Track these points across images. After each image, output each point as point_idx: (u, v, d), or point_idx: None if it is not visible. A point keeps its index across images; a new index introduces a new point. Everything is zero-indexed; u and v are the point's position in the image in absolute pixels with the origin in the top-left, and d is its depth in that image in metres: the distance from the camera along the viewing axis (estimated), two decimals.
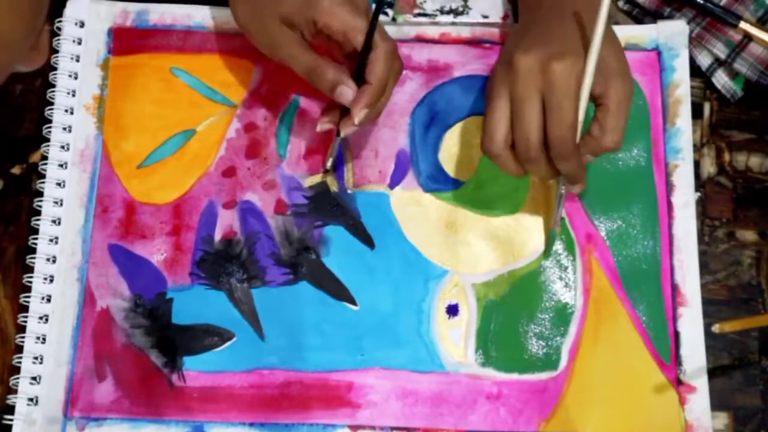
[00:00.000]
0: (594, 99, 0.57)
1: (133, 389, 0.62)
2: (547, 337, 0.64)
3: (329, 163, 0.65)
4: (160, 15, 0.69)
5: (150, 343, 0.63)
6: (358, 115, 0.58)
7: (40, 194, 0.65)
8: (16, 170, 0.67)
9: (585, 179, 0.59)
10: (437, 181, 0.66)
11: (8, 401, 0.62)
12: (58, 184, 0.65)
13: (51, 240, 0.64)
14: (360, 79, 0.58)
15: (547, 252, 0.65)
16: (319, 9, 0.57)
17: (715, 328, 0.56)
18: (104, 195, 0.66)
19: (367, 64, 0.58)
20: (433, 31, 0.69)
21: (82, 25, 0.68)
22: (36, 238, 0.64)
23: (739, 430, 0.63)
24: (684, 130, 0.67)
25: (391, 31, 0.68)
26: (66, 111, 0.67)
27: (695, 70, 0.69)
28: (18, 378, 0.62)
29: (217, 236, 0.65)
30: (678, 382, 0.62)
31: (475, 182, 0.66)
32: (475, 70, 0.68)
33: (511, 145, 0.57)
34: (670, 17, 0.69)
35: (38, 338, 0.62)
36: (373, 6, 0.56)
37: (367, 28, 0.56)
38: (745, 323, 0.59)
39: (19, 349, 0.62)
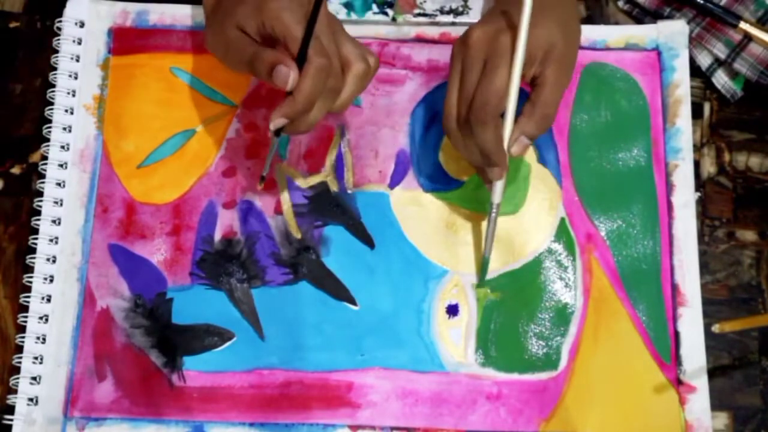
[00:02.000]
0: (532, 80, 0.58)
1: (133, 389, 0.62)
2: (547, 337, 0.64)
3: (265, 170, 0.60)
4: (160, 15, 0.69)
5: (150, 343, 0.63)
6: (274, 122, 0.56)
7: (40, 194, 0.65)
8: (16, 170, 0.67)
9: (504, 163, 0.59)
10: (437, 181, 0.66)
11: (8, 401, 0.62)
12: (58, 184, 0.65)
13: (51, 240, 0.64)
14: None
15: (481, 280, 0.64)
16: (266, 12, 0.56)
17: (715, 328, 0.56)
18: (104, 195, 0.66)
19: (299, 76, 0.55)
20: (433, 31, 0.69)
21: (82, 25, 0.68)
22: (36, 238, 0.64)
23: (739, 430, 0.63)
24: (684, 130, 0.67)
25: (391, 31, 0.69)
26: (66, 111, 0.67)
27: (695, 70, 0.69)
28: (18, 378, 0.62)
29: (217, 236, 0.65)
30: (678, 382, 0.62)
31: (475, 182, 0.66)
32: None
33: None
34: (670, 17, 0.70)
35: (38, 338, 0.62)
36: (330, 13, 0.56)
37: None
38: (745, 323, 0.59)
39: (19, 349, 0.62)
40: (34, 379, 0.62)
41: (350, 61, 0.57)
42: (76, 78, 0.67)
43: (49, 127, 0.66)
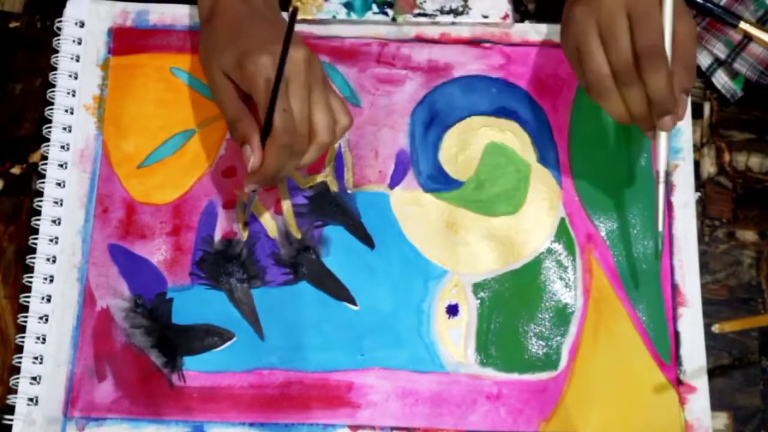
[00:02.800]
0: None
1: (133, 389, 0.62)
2: (547, 337, 0.64)
3: (247, 216, 0.64)
4: (160, 15, 0.69)
5: (150, 343, 0.63)
6: (247, 189, 0.59)
7: (40, 194, 0.65)
8: (16, 170, 0.67)
9: (677, 110, 0.57)
10: (437, 181, 0.66)
11: (8, 401, 0.62)
12: (58, 184, 0.65)
13: (51, 240, 0.64)
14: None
15: (657, 256, 0.64)
16: (244, 73, 0.57)
17: (715, 328, 0.56)
18: (104, 195, 0.65)
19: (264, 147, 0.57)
20: (433, 31, 0.69)
21: (82, 25, 0.68)
22: (36, 238, 0.64)
23: (739, 430, 0.63)
24: (684, 130, 0.67)
25: (391, 31, 0.69)
26: (66, 111, 0.67)
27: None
28: (18, 378, 0.62)
29: (217, 236, 0.65)
30: (678, 382, 0.62)
31: (475, 182, 0.66)
32: (475, 70, 0.68)
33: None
34: None
35: (38, 338, 0.62)
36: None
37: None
38: (745, 323, 0.59)
39: (19, 349, 0.62)
40: (34, 379, 0.62)
41: (316, 131, 0.58)
42: (76, 78, 0.67)
43: (49, 127, 0.66)
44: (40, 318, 0.63)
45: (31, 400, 0.61)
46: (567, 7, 0.60)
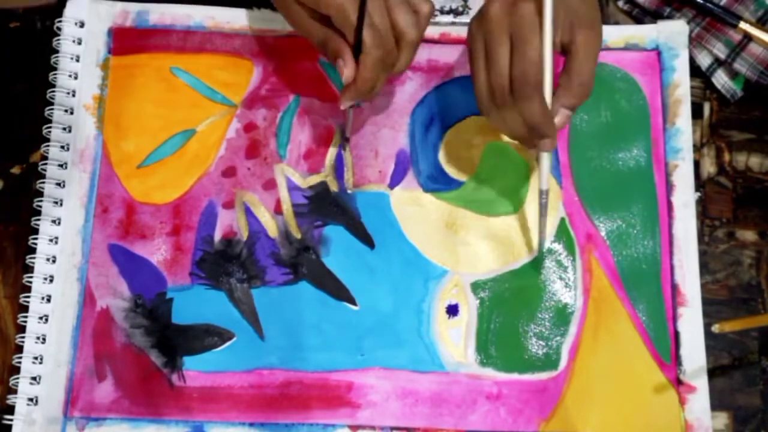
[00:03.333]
0: (563, 47, 0.57)
1: (133, 389, 0.62)
2: (547, 337, 0.64)
3: (348, 132, 0.66)
4: (160, 15, 0.69)
5: (150, 343, 0.63)
6: (343, 104, 0.60)
7: (40, 194, 0.65)
8: (16, 170, 0.67)
9: (554, 134, 0.58)
10: (437, 181, 0.66)
11: (8, 401, 0.62)
12: (58, 184, 0.65)
13: (51, 240, 0.64)
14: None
15: (536, 267, 0.65)
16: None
17: (715, 328, 0.56)
18: (104, 195, 0.66)
19: (358, 62, 0.58)
20: (433, 31, 0.69)
21: (82, 25, 0.68)
22: (36, 238, 0.64)
23: (739, 430, 0.63)
24: (684, 130, 0.67)
25: None
26: (66, 111, 0.67)
27: (695, 70, 0.69)
28: (18, 378, 0.62)
29: (217, 236, 0.65)
30: (678, 382, 0.62)
31: (475, 182, 0.66)
32: None
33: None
34: (670, 17, 0.70)
35: (38, 338, 0.62)
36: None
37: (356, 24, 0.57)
38: (745, 323, 0.59)
39: (19, 349, 0.62)
40: (34, 379, 0.62)
41: (403, 32, 0.58)
42: (76, 78, 0.67)
43: (49, 127, 0.66)
44: (40, 318, 0.63)
45: (31, 400, 0.61)
46: (472, 19, 0.60)
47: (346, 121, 0.65)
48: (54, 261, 0.64)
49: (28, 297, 0.63)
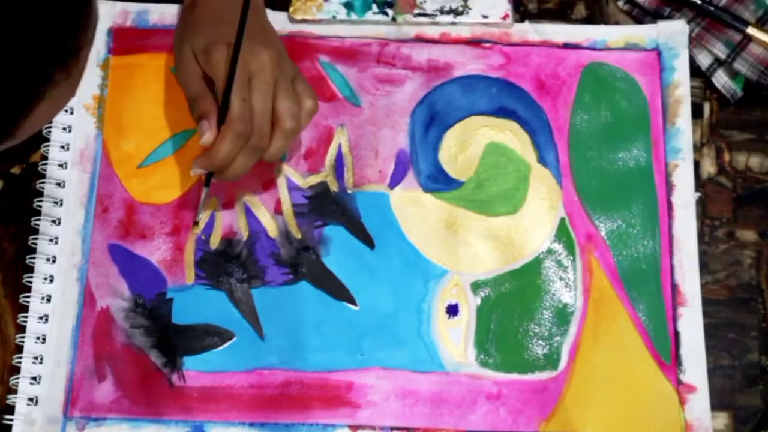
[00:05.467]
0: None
1: (133, 389, 0.62)
2: (547, 337, 0.64)
3: (199, 217, 0.64)
4: (160, 15, 0.69)
5: (150, 343, 0.63)
6: (193, 170, 0.60)
7: (40, 194, 0.65)
8: (16, 170, 0.67)
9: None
10: (437, 181, 0.66)
11: (8, 401, 0.62)
12: (58, 184, 0.65)
13: (51, 240, 0.64)
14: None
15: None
16: (210, 60, 0.58)
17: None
18: (104, 195, 0.65)
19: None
20: (433, 31, 0.69)
21: None
22: (36, 238, 0.64)
23: (739, 430, 0.63)
24: (684, 130, 0.67)
25: (391, 31, 0.69)
26: (66, 111, 0.67)
27: (695, 70, 0.69)
28: (18, 378, 0.62)
29: (217, 236, 0.65)
30: (678, 382, 0.62)
31: (475, 182, 0.66)
32: (475, 70, 0.68)
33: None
34: (670, 17, 0.70)
35: (38, 338, 0.62)
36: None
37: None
38: None
39: (19, 349, 0.62)
40: (34, 379, 0.62)
41: (280, 119, 0.58)
42: None
43: (49, 127, 0.66)
44: (40, 318, 0.63)
45: (31, 400, 0.61)
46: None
47: (198, 200, 0.63)
48: (54, 261, 0.64)
49: (28, 297, 0.63)
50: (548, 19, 0.70)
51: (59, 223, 0.65)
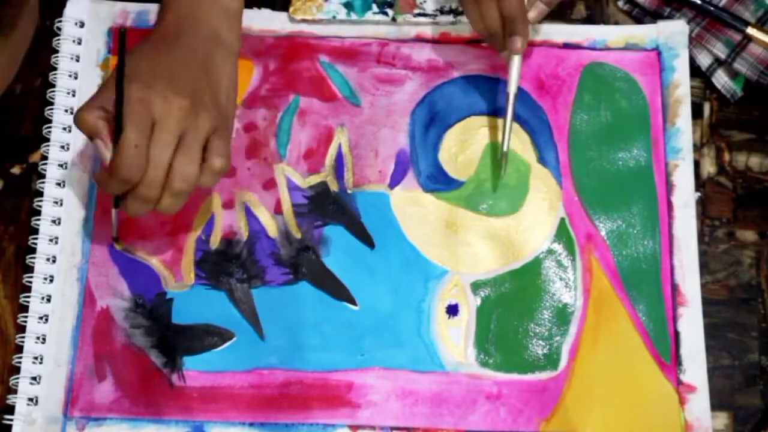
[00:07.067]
0: None
1: (133, 389, 0.62)
2: (547, 337, 0.64)
3: (114, 232, 0.63)
4: None
5: (150, 343, 0.63)
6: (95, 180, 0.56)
7: (40, 194, 0.65)
8: (16, 170, 0.67)
9: (526, 33, 0.61)
10: (437, 181, 0.66)
11: (8, 401, 0.61)
12: (58, 184, 0.65)
13: (51, 240, 0.64)
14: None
15: (499, 178, 0.66)
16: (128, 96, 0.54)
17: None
18: (104, 195, 0.65)
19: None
20: (433, 31, 0.69)
21: (82, 25, 0.68)
22: (36, 238, 0.64)
23: (739, 430, 0.63)
24: (684, 130, 0.67)
25: (391, 31, 0.69)
26: (66, 111, 0.67)
27: (695, 70, 0.69)
28: (18, 378, 0.62)
29: (217, 236, 0.65)
30: (678, 382, 0.62)
31: (475, 182, 0.66)
32: (475, 70, 0.68)
33: None
34: (670, 17, 0.70)
35: (38, 338, 0.62)
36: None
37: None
38: None
39: (19, 349, 0.62)
40: (34, 379, 0.62)
41: (171, 177, 0.55)
42: (76, 78, 0.67)
43: (49, 127, 0.66)
44: (40, 318, 0.63)
45: (31, 400, 0.61)
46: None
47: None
48: (54, 261, 0.64)
49: (28, 297, 0.63)
50: (548, 19, 0.70)
51: (59, 223, 0.65)
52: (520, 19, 0.59)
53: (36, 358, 0.62)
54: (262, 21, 0.68)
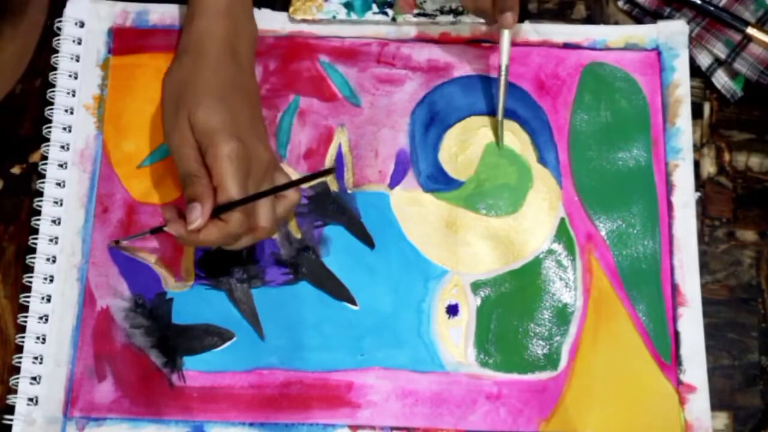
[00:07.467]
0: None
1: (133, 389, 0.62)
2: (547, 337, 0.64)
3: (124, 243, 0.64)
4: (160, 15, 0.69)
5: (150, 343, 0.63)
6: (170, 228, 0.57)
7: (40, 194, 0.65)
8: (16, 170, 0.67)
9: (516, 7, 0.61)
10: (437, 181, 0.66)
11: (8, 401, 0.62)
12: (58, 184, 0.65)
13: (51, 240, 0.64)
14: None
15: (499, 144, 0.67)
16: (215, 149, 0.55)
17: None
18: (104, 195, 0.65)
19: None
20: (433, 31, 0.69)
21: (82, 25, 0.68)
22: (36, 238, 0.64)
23: (739, 430, 0.63)
24: (684, 130, 0.67)
25: (391, 31, 0.69)
26: (66, 111, 0.67)
27: (695, 70, 0.69)
28: (18, 378, 0.62)
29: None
30: (678, 382, 0.62)
31: (475, 182, 0.66)
32: (475, 70, 0.68)
33: None
34: (670, 17, 0.70)
35: (38, 338, 0.62)
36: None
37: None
38: None
39: (19, 349, 0.62)
40: (34, 379, 0.62)
41: (257, 226, 0.57)
42: (76, 78, 0.67)
43: (49, 127, 0.66)
44: (40, 318, 0.63)
45: (31, 400, 0.61)
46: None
47: (136, 231, 0.63)
48: (54, 261, 0.64)
49: (28, 297, 0.63)
50: (548, 19, 0.70)
51: (59, 223, 0.65)
52: None
53: (36, 358, 0.62)
54: (262, 21, 0.68)
